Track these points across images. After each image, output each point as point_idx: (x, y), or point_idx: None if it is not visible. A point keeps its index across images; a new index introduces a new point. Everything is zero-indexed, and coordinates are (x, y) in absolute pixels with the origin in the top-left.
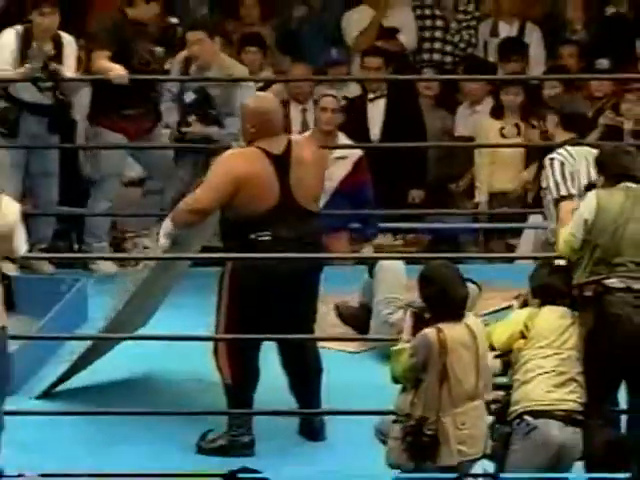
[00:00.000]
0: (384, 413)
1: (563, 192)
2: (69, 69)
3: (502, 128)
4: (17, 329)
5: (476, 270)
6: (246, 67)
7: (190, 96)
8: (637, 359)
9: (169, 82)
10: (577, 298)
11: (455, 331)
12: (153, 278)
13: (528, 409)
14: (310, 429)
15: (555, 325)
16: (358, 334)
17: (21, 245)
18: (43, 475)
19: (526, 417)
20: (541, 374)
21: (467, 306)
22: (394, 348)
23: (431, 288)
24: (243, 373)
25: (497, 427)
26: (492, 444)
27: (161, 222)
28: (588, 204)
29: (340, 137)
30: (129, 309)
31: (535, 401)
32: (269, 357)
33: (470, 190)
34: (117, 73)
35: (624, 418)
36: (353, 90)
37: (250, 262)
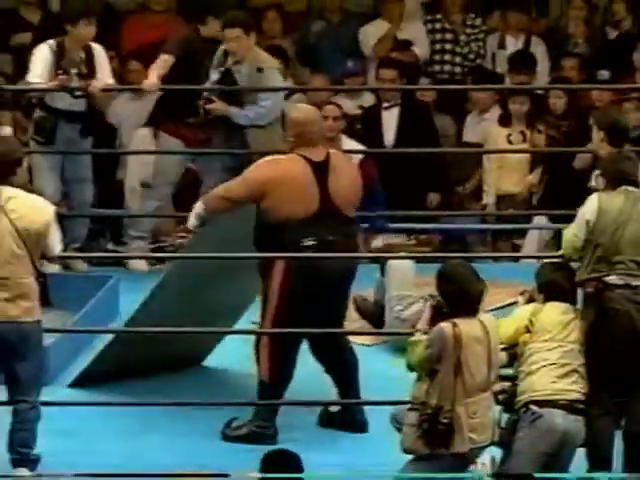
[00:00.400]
0: (399, 403)
1: None
2: (105, 74)
3: (509, 135)
4: (53, 323)
5: (484, 269)
6: (277, 61)
7: (215, 75)
8: (635, 352)
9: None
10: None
11: (470, 326)
12: (179, 276)
13: (533, 399)
14: (353, 421)
15: (558, 320)
16: (373, 328)
17: (56, 244)
18: (77, 475)
19: (531, 406)
20: (545, 366)
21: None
22: (411, 339)
23: (449, 285)
24: (280, 374)
25: (504, 416)
26: (499, 431)
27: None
28: (590, 206)
29: (343, 139)
30: (161, 302)
31: (540, 391)
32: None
33: (477, 192)
34: (150, 81)
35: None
36: (368, 99)
37: (301, 265)
